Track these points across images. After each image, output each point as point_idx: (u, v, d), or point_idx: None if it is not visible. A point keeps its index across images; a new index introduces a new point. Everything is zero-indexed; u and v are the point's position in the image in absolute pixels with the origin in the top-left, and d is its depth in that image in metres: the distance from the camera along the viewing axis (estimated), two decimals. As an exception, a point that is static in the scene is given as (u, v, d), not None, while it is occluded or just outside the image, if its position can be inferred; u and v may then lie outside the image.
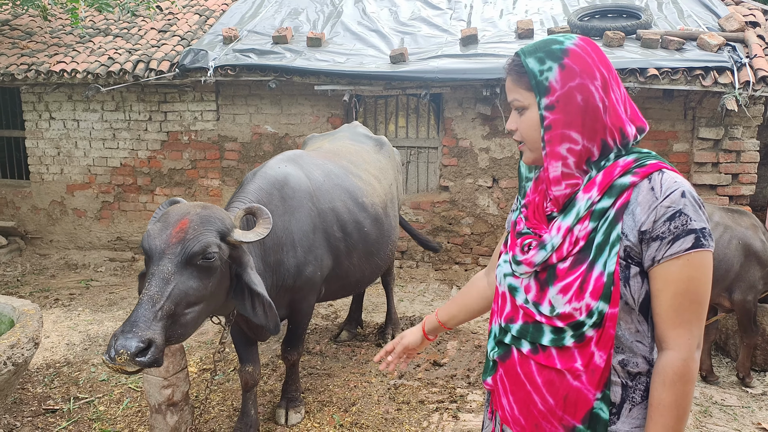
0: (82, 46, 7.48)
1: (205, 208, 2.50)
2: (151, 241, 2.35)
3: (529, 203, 1.52)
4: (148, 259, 2.39)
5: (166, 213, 2.47)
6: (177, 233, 2.34)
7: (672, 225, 1.28)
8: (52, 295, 6.21)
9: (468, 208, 6.75)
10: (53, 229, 7.89)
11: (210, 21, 7.80)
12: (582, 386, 1.35)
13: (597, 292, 1.31)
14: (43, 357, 4.56)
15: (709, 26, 6.24)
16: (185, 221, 2.38)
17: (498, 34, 6.67)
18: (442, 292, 6.40)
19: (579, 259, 1.35)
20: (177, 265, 2.32)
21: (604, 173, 1.36)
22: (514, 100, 1.44)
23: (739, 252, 4.06)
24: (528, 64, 1.39)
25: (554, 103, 1.36)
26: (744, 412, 3.89)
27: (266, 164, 3.35)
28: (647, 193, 1.31)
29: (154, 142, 7.43)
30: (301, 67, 6.30)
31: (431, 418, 3.71)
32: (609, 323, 1.31)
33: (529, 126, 1.42)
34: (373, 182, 4.01)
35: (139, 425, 3.61)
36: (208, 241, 2.37)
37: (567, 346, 1.36)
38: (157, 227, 2.39)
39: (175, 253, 2.32)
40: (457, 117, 6.64)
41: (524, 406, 1.44)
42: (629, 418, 1.37)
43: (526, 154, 1.48)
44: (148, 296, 2.24)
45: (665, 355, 1.31)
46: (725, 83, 5.42)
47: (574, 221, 1.37)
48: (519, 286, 1.47)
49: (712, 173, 6.02)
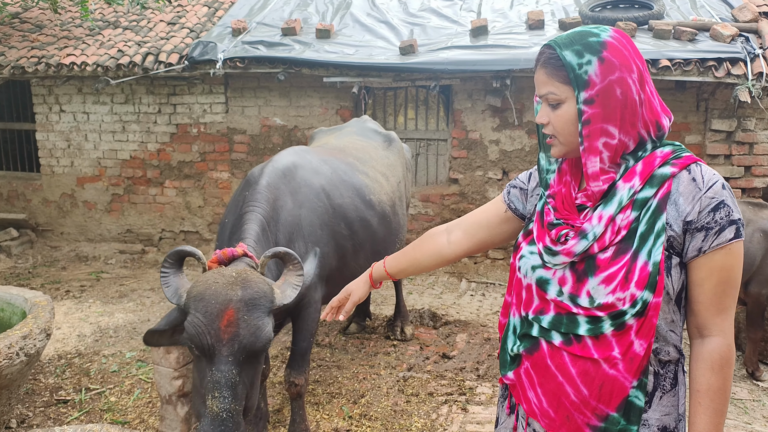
0: (92, 38, 7.50)
1: (244, 284, 2.20)
2: (202, 339, 2.10)
3: (555, 194, 1.49)
4: (200, 353, 2.15)
5: (201, 297, 2.15)
6: (227, 329, 2.11)
7: (717, 216, 1.31)
8: (63, 287, 6.26)
9: (478, 201, 6.72)
10: (64, 221, 7.94)
11: (219, 13, 7.80)
12: (618, 374, 1.35)
13: (642, 281, 1.31)
14: (55, 348, 4.60)
15: (722, 17, 6.16)
16: (231, 313, 2.12)
17: (508, 25, 6.61)
18: (452, 285, 6.40)
19: (621, 248, 1.35)
20: (238, 364, 2.13)
21: (644, 163, 1.37)
22: (549, 94, 1.40)
23: (762, 245, 4.06)
24: (565, 56, 1.36)
25: (594, 97, 1.34)
26: (755, 406, 3.86)
27: (272, 160, 3.27)
28: (689, 183, 1.33)
29: (164, 134, 7.45)
30: (310, 59, 6.28)
31: (440, 410, 3.71)
32: (652, 312, 1.32)
33: (565, 120, 1.39)
34: (381, 179, 3.92)
35: (149, 416, 3.63)
36: (266, 334, 2.20)
37: (604, 335, 1.36)
38: (203, 320, 2.11)
39: (232, 352, 2.11)
40: (467, 109, 6.61)
41: (554, 398, 1.43)
42: (660, 406, 1.38)
43: (557, 147, 1.45)
44: (224, 408, 2.07)
45: (710, 342, 1.35)
46: (738, 74, 5.35)
47: (617, 210, 1.36)
48: (551, 277, 1.44)
49: (725, 165, 5.95)
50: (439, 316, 5.27)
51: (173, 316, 2.31)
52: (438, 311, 5.44)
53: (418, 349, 4.64)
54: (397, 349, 4.64)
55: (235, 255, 2.41)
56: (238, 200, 3.04)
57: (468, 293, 6.16)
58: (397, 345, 4.71)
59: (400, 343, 4.75)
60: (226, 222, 3.07)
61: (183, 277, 2.31)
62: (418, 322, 5.18)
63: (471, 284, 6.44)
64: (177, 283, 2.24)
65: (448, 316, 5.36)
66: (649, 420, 1.37)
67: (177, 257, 2.28)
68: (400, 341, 4.77)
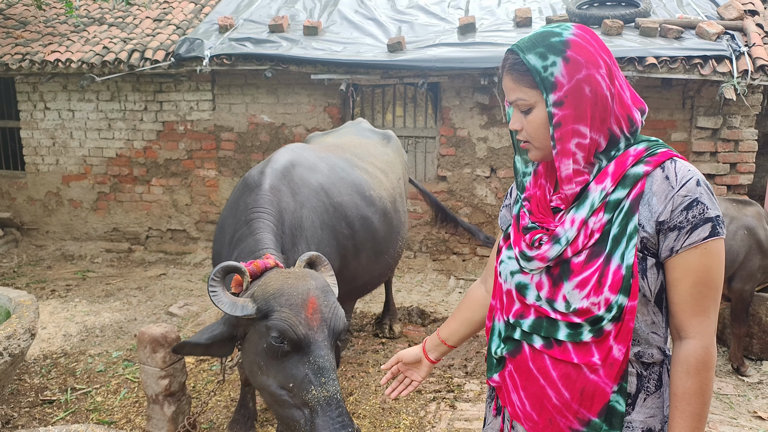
0: (77, 35, 7.42)
1: (312, 275, 2.26)
2: (296, 331, 2.06)
3: (530, 197, 1.47)
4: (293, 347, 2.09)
5: (281, 293, 2.13)
6: (314, 315, 2.12)
7: (690, 214, 1.27)
8: (48, 287, 6.20)
9: (466, 198, 6.74)
10: (49, 220, 7.86)
11: (205, 9, 7.75)
12: (599, 380, 1.33)
13: (616, 285, 1.28)
14: (40, 348, 4.55)
15: (708, 14, 6.20)
16: (314, 300, 2.14)
17: (496, 22, 6.63)
18: (440, 283, 6.40)
19: (595, 252, 1.32)
20: (331, 348, 2.16)
21: (616, 163, 1.33)
22: (518, 100, 1.37)
23: (745, 242, 4.09)
24: (529, 61, 1.32)
25: (563, 99, 1.31)
26: (740, 401, 3.90)
27: (270, 160, 3.15)
28: (662, 182, 1.29)
29: (150, 132, 7.39)
30: (297, 56, 6.25)
31: (428, 407, 3.71)
32: (628, 316, 1.29)
33: (538, 125, 1.36)
34: (380, 175, 3.82)
35: (136, 416, 3.61)
36: (344, 315, 2.25)
37: (584, 341, 1.33)
38: (291, 312, 2.09)
39: (325, 336, 2.12)
40: (455, 106, 6.61)
41: (537, 401, 1.41)
42: (644, 408, 1.36)
43: (533, 152, 1.42)
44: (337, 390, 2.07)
45: (687, 344, 1.31)
46: (724, 72, 5.40)
47: (589, 213, 1.33)
48: (529, 282, 1.42)
49: (711, 162, 6.00)
50: (427, 314, 5.28)
51: (218, 330, 2.23)
52: (426, 309, 5.44)
53: (406, 346, 4.64)
54: (385, 346, 4.64)
55: (268, 266, 2.35)
56: (239, 204, 2.93)
57: (456, 290, 6.17)
58: (385, 343, 4.71)
59: (389, 340, 4.75)
60: (225, 226, 2.96)
61: (228, 293, 2.22)
62: (407, 320, 5.18)
63: (459, 281, 6.45)
64: (231, 298, 2.16)
65: (437, 314, 5.36)
66: (634, 422, 1.35)
67: (223, 273, 2.20)
68: (389, 339, 4.77)
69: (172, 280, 6.55)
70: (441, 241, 6.88)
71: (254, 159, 7.08)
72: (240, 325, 2.19)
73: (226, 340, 2.22)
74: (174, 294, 6.01)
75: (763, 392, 4.04)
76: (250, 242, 2.67)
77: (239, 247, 2.70)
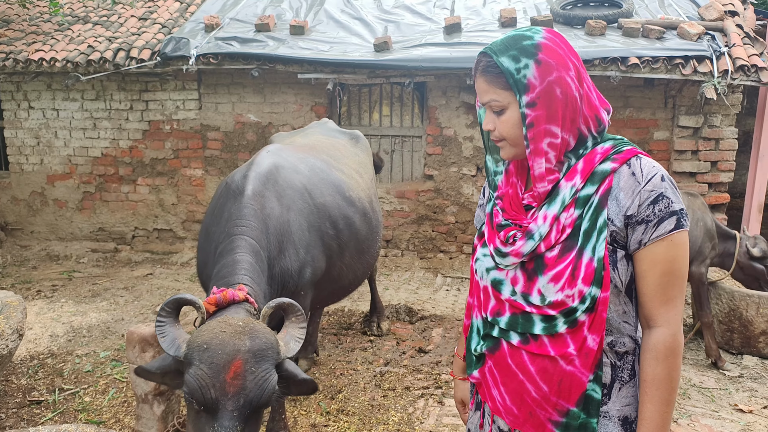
0: (61, 34, 7.37)
1: (252, 335, 2.05)
2: (205, 393, 1.94)
3: (503, 195, 1.53)
4: (201, 407, 1.98)
5: (207, 348, 1.99)
6: (233, 381, 1.96)
7: (656, 208, 1.32)
8: (34, 287, 6.16)
9: (452, 197, 6.79)
10: (34, 220, 7.80)
11: (191, 8, 7.72)
12: (576, 370, 1.38)
13: (589, 277, 1.34)
14: (27, 349, 4.53)
15: (689, 15, 6.30)
16: (238, 364, 1.97)
17: (481, 22, 6.68)
18: (427, 280, 6.45)
19: (567, 246, 1.37)
20: (242, 419, 1.98)
21: (585, 160, 1.39)
22: (492, 101, 1.41)
23: (700, 231, 4.41)
24: (503, 63, 1.37)
25: (535, 100, 1.36)
26: (721, 394, 3.98)
27: (253, 163, 3.09)
28: (629, 178, 1.35)
29: (136, 131, 7.36)
30: (284, 55, 6.26)
31: (417, 403, 3.75)
32: (601, 307, 1.34)
33: (511, 125, 1.41)
34: (356, 176, 3.84)
35: (125, 415, 3.61)
36: (271, 387, 2.04)
37: (559, 333, 1.38)
38: (207, 372, 1.95)
39: (237, 406, 1.96)
40: (441, 106, 6.66)
41: (517, 396, 1.46)
42: (619, 397, 1.41)
43: (506, 150, 1.46)
44: None
45: (655, 332, 1.36)
46: (704, 72, 5.49)
47: (560, 209, 1.39)
48: (504, 278, 1.47)
49: (692, 161, 6.11)
50: (415, 311, 5.32)
51: (167, 361, 2.13)
52: (414, 306, 5.49)
53: (394, 344, 4.68)
54: (373, 344, 4.67)
55: (236, 299, 2.25)
56: (223, 211, 2.85)
57: (443, 288, 6.22)
58: (373, 340, 4.74)
59: (377, 338, 4.79)
60: (209, 234, 2.90)
61: (179, 327, 2.14)
62: (395, 318, 5.22)
63: (446, 279, 6.50)
64: (174, 334, 2.08)
65: (424, 311, 5.41)
66: (610, 411, 1.40)
67: (174, 306, 2.11)
68: (377, 336, 4.81)
69: (159, 279, 6.54)
70: (428, 239, 6.93)
71: (241, 158, 7.08)
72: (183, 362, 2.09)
73: (174, 372, 2.11)
74: (161, 294, 6.00)
75: (744, 386, 4.13)
76: (228, 261, 2.58)
77: (220, 263, 2.61)
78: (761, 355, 4.49)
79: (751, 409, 3.75)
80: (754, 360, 4.46)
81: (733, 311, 4.47)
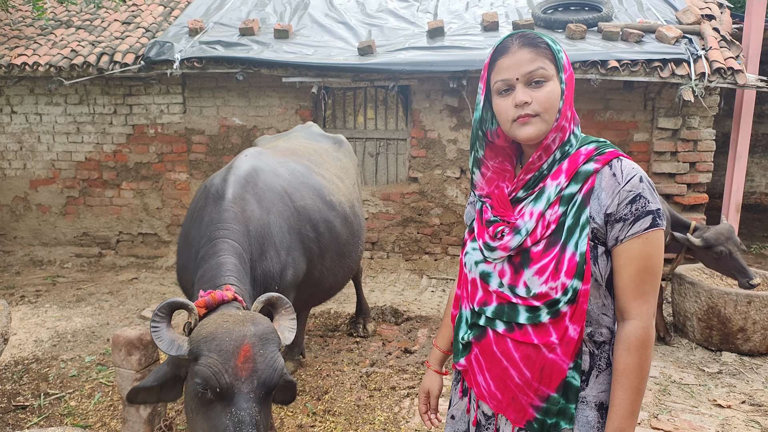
0: (44, 38, 7.33)
1: (254, 321, 2.11)
2: (220, 379, 1.96)
3: (490, 194, 1.61)
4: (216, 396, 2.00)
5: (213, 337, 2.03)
6: (245, 365, 2.00)
7: (633, 207, 1.41)
8: (17, 292, 6.12)
9: (437, 199, 6.85)
10: (17, 225, 7.74)
11: (175, 12, 7.72)
12: (557, 358, 1.45)
13: (571, 271, 1.42)
14: (11, 354, 4.51)
15: (667, 19, 6.42)
16: (247, 348, 2.02)
17: (464, 26, 6.75)
18: (413, 282, 6.50)
19: (551, 241, 1.46)
20: (258, 401, 2.01)
21: (570, 160, 1.49)
22: (539, 69, 1.45)
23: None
24: (546, 41, 1.48)
25: (567, 81, 1.48)
26: (701, 390, 4.06)
27: (232, 167, 3.09)
28: (610, 178, 1.44)
29: (120, 135, 7.34)
30: (268, 59, 6.28)
31: (402, 403, 3.79)
32: (582, 299, 1.43)
33: (555, 96, 1.47)
34: (336, 181, 3.86)
35: (111, 419, 3.61)
36: (281, 368, 2.09)
37: (543, 323, 1.46)
38: (218, 359, 1.99)
39: (252, 388, 1.99)
40: (425, 109, 6.72)
41: (501, 382, 1.54)
42: (597, 384, 1.49)
43: (535, 126, 1.47)
44: None
45: (628, 325, 1.44)
46: (682, 75, 5.60)
47: (545, 206, 1.48)
48: (492, 271, 1.56)
49: (671, 162, 6.21)
50: (400, 313, 5.36)
51: (162, 371, 2.16)
52: (400, 308, 5.53)
53: (380, 344, 4.72)
54: (359, 345, 4.71)
55: (225, 299, 2.28)
56: (203, 216, 2.85)
57: (429, 289, 6.27)
58: (359, 342, 4.78)
59: (363, 339, 4.82)
60: (189, 239, 2.90)
61: (173, 330, 2.15)
62: (381, 319, 5.26)
63: (432, 281, 6.55)
64: (171, 335, 2.09)
65: (410, 312, 5.46)
66: (587, 397, 1.49)
67: (168, 310, 2.13)
68: (363, 338, 4.84)
69: (144, 284, 6.52)
70: (413, 241, 6.98)
71: (226, 162, 7.08)
72: (181, 365, 2.12)
73: (172, 382, 2.14)
74: (146, 298, 5.99)
75: (723, 381, 4.21)
76: (212, 265, 2.58)
77: (203, 267, 2.61)
78: (739, 351, 4.59)
79: (730, 404, 3.83)
80: (732, 356, 4.55)
81: (711, 309, 4.56)
